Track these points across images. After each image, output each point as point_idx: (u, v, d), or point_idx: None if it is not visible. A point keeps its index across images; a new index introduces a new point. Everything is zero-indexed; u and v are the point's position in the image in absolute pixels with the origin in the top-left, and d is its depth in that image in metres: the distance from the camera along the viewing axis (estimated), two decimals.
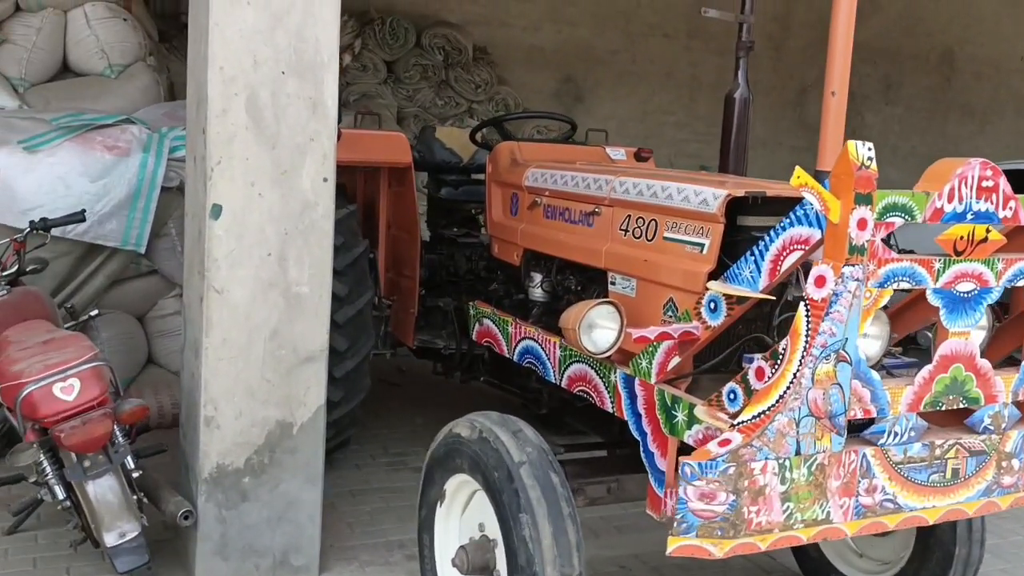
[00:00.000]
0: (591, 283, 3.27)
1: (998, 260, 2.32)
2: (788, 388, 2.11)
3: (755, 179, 3.06)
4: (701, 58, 9.79)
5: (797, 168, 2.11)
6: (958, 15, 10.97)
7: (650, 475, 2.74)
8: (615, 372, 2.89)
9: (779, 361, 2.25)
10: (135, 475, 3.19)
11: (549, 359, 3.25)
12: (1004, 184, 2.28)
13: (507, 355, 3.56)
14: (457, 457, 2.82)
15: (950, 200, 2.21)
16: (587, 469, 2.98)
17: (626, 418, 2.85)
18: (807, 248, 2.22)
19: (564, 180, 3.34)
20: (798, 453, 2.14)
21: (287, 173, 3.19)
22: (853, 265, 2.11)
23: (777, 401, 2.11)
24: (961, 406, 2.36)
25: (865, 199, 2.10)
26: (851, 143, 2.08)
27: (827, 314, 2.11)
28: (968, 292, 2.29)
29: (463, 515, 2.95)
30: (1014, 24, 11.45)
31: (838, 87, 2.84)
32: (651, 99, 9.65)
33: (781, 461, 2.12)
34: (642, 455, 2.77)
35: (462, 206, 4.67)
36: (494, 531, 2.74)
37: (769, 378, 2.29)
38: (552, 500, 2.53)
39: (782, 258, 2.28)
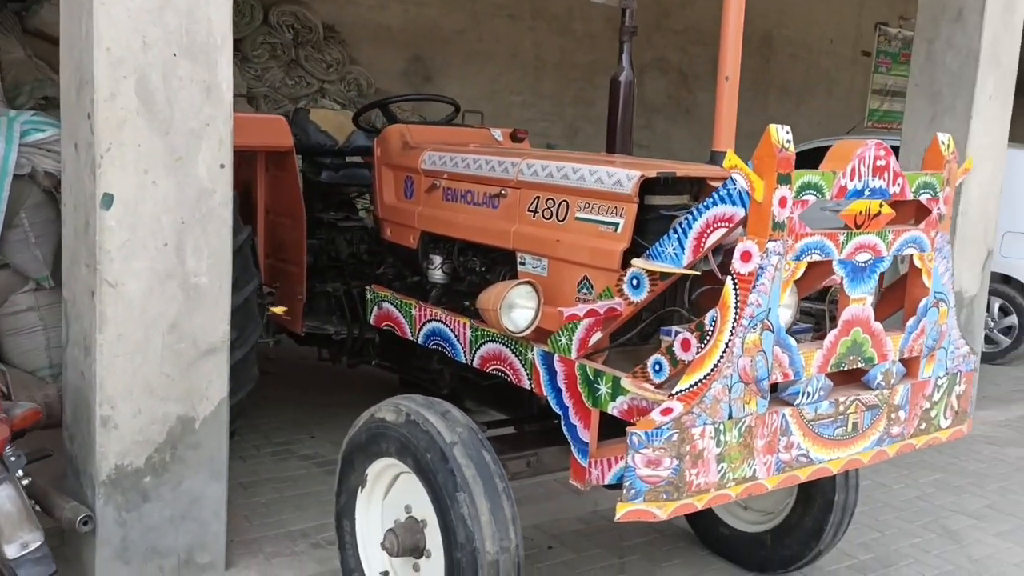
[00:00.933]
0: (497, 264, 3.33)
1: (889, 232, 2.55)
2: (722, 357, 2.26)
3: (659, 160, 3.21)
4: (545, 38, 10.00)
5: (729, 151, 2.25)
6: (776, 1, 11.68)
7: (572, 447, 2.85)
8: (532, 350, 2.97)
9: (707, 332, 2.40)
10: (24, 482, 3.00)
11: (459, 340, 3.29)
12: (894, 162, 2.51)
13: (410, 338, 3.57)
14: (382, 441, 2.82)
15: (851, 178, 2.41)
16: (506, 445, 3.06)
17: (545, 394, 2.94)
18: (731, 226, 2.37)
19: (465, 163, 3.37)
20: (731, 417, 2.30)
21: (182, 160, 3.06)
22: (775, 240, 2.28)
23: (712, 369, 2.25)
24: (859, 366, 2.59)
25: (785, 179, 2.27)
26: (772, 127, 2.24)
27: (754, 287, 2.27)
28: (865, 262, 2.51)
29: (386, 499, 2.97)
30: (824, 10, 12.32)
31: (731, 72, 3.02)
32: (498, 79, 9.76)
33: (716, 425, 2.27)
34: (563, 428, 2.87)
35: (342, 190, 4.61)
36: (423, 512, 2.78)
37: (697, 349, 2.44)
38: (487, 477, 2.59)
39: (705, 235, 2.42)
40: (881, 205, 2.51)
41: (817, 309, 2.87)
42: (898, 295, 2.80)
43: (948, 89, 5.65)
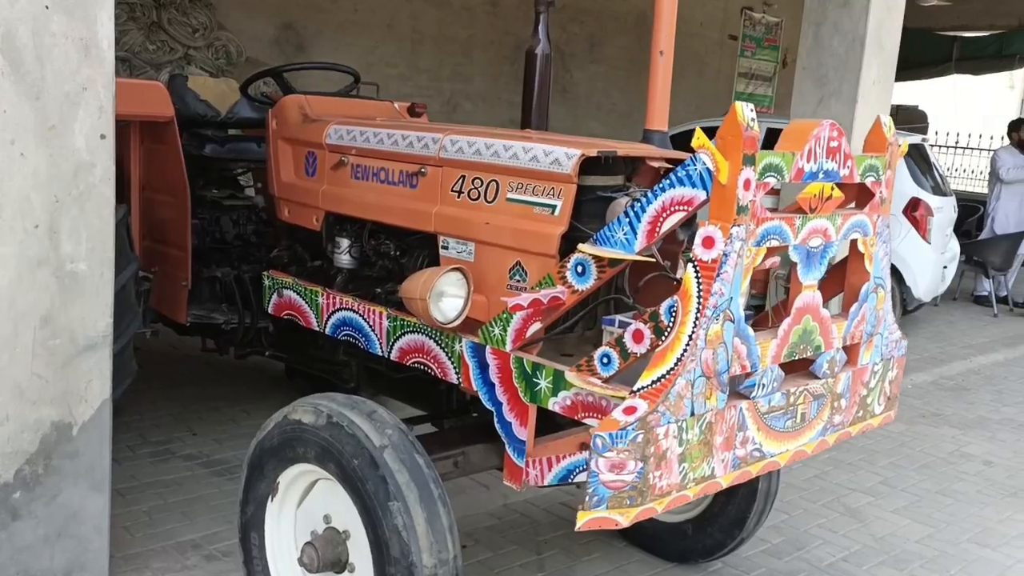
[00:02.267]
0: (414, 248, 3.09)
1: (838, 216, 2.47)
2: (685, 350, 2.11)
3: (588, 138, 3.03)
4: (421, 10, 9.67)
5: (697, 129, 2.09)
6: None
7: (508, 445, 2.65)
8: (460, 341, 2.75)
9: (661, 324, 2.25)
10: None
11: (374, 331, 3.03)
12: (845, 144, 2.41)
13: (316, 328, 3.28)
14: (298, 446, 2.55)
15: (808, 160, 2.30)
16: (433, 445, 2.83)
17: (475, 389, 2.73)
18: (690, 209, 2.22)
19: (378, 138, 3.10)
20: (692, 414, 2.15)
21: (55, 128, 2.67)
22: (739, 225, 2.14)
23: (676, 364, 2.10)
24: (808, 355, 2.50)
25: (750, 160, 2.13)
26: (738, 104, 2.09)
27: (717, 275, 2.12)
28: (816, 247, 2.42)
29: (299, 508, 2.70)
30: None
31: (665, 47, 2.87)
32: (374, 51, 9.38)
33: (680, 423, 2.12)
34: (496, 425, 2.68)
35: (227, 165, 4.23)
36: (346, 522, 2.53)
37: (651, 341, 2.29)
38: (422, 483, 2.37)
39: (661, 219, 2.27)
40: (832, 188, 2.41)
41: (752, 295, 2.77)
42: (836, 280, 2.73)
43: (835, 73, 5.73)
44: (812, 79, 5.83)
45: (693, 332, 2.11)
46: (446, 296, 2.64)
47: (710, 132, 2.16)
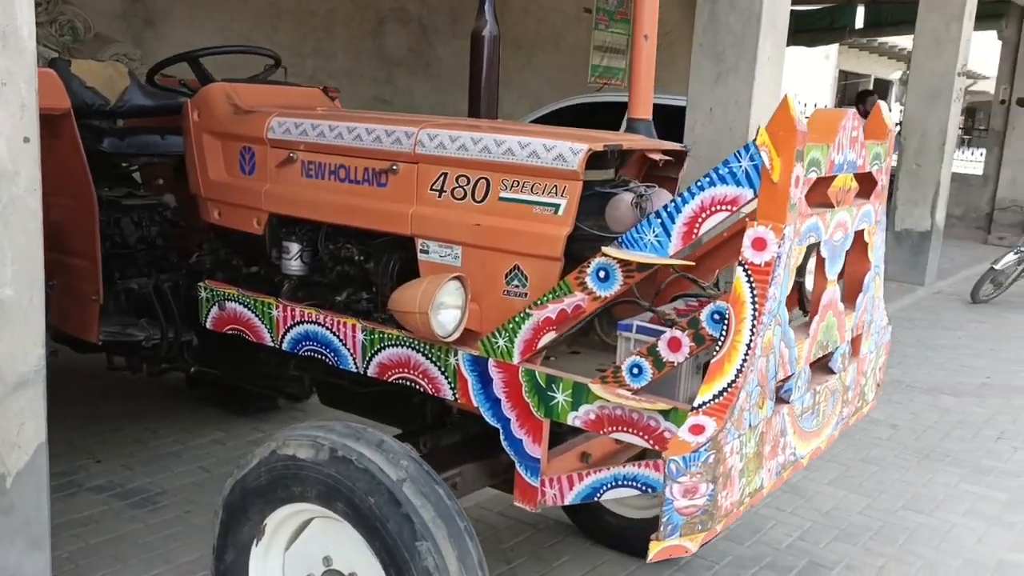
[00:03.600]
0: (382, 251, 2.82)
1: (853, 207, 2.41)
2: (745, 360, 1.98)
3: (564, 128, 2.85)
4: None
5: (760, 129, 1.96)
6: None
7: (519, 464, 2.47)
8: (455, 354, 2.53)
9: (701, 331, 2.12)
10: None
11: (346, 345, 2.76)
12: (861, 133, 2.35)
13: (269, 344, 2.96)
14: (293, 485, 2.27)
15: (838, 152, 2.22)
16: (432, 466, 2.60)
17: (475, 405, 2.52)
18: (733, 209, 2.09)
19: (336, 132, 2.80)
20: (751, 426, 2.04)
21: None
22: (789, 225, 2.03)
23: (737, 376, 1.98)
24: (828, 350, 2.44)
25: (799, 155, 2.02)
26: (788, 96, 1.97)
27: (772, 279, 2.01)
28: (839, 241, 2.35)
29: (288, 550, 2.42)
30: None
31: (649, 31, 2.72)
32: (230, 26, 8.78)
33: (741, 438, 2.01)
34: (504, 443, 2.48)
35: (131, 161, 3.78)
36: (350, 563, 2.30)
37: (690, 349, 2.16)
38: (448, 518, 2.16)
39: (700, 220, 2.13)
40: (852, 179, 2.35)
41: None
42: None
43: (731, 50, 5.76)
44: (709, 56, 5.84)
45: (751, 341, 1.99)
46: (444, 307, 2.41)
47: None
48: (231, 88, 3.22)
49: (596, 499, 2.37)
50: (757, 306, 2.00)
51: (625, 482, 2.29)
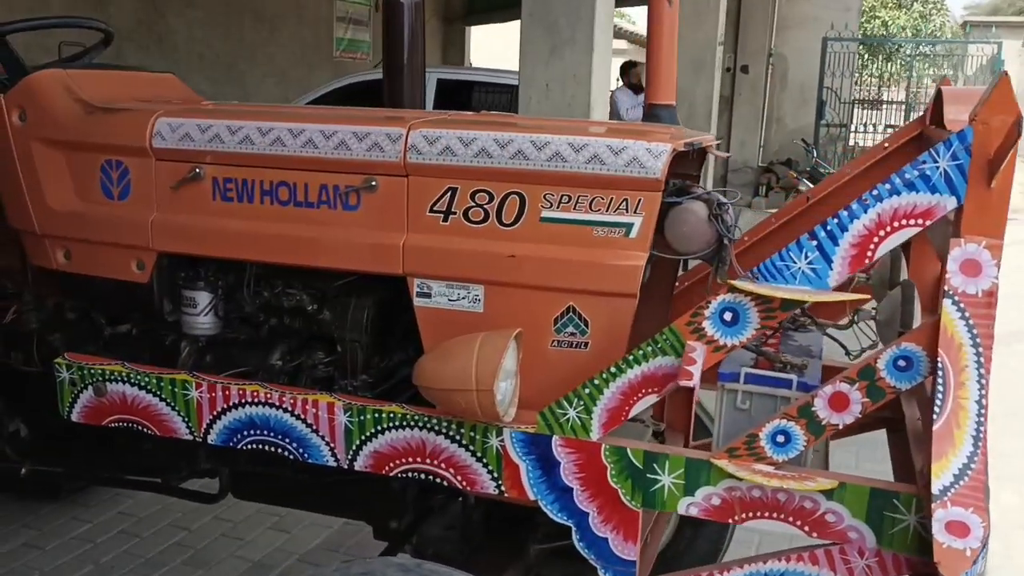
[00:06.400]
0: (350, 296, 2.06)
1: None
2: (980, 423, 1.52)
3: (648, 125, 2.22)
4: None
5: (973, 114, 1.47)
6: None
7: (604, 570, 1.85)
8: (497, 434, 1.86)
9: (884, 382, 1.63)
10: None
11: (319, 432, 1.97)
12: None
13: (186, 436, 2.09)
14: None
15: None
16: None
17: (532, 498, 1.87)
18: (925, 223, 1.60)
19: (272, 136, 1.98)
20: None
21: None
22: (1002, 239, 1.59)
23: (975, 446, 1.51)
24: None
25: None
26: (1006, 75, 1.51)
27: (989, 311, 1.56)
28: None
29: None
30: None
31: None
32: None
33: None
34: (579, 544, 1.86)
35: None
36: None
37: (863, 407, 1.66)
38: None
39: (877, 239, 1.62)
40: None
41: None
42: None
43: (566, 20, 5.31)
44: (541, 27, 5.35)
45: (981, 396, 1.53)
46: (508, 377, 1.74)
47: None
48: (68, 77, 2.26)
49: None
50: (982, 349, 1.54)
51: None
